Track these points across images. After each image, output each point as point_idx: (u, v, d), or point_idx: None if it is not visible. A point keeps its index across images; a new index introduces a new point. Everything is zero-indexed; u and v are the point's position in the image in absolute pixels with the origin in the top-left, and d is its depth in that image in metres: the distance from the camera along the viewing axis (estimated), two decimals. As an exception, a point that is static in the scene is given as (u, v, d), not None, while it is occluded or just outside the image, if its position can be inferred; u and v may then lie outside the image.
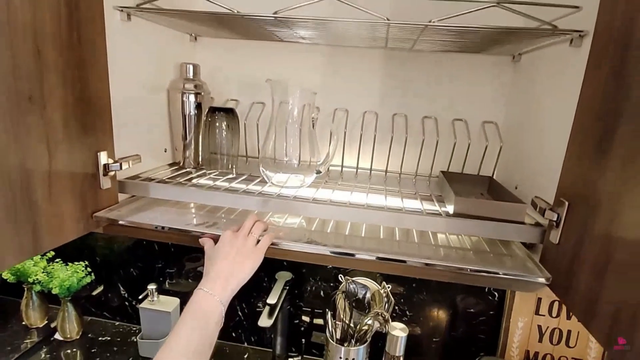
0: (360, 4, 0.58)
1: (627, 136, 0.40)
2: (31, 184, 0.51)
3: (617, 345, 0.38)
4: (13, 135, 0.47)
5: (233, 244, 0.53)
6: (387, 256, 0.59)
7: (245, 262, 0.52)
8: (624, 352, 0.37)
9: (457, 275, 0.57)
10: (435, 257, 0.59)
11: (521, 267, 0.57)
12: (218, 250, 0.53)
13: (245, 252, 0.52)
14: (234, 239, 0.53)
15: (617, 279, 0.40)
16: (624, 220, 0.40)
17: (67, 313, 1.08)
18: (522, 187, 0.71)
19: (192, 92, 0.80)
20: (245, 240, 0.53)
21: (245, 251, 0.52)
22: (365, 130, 0.86)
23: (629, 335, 0.37)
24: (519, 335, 0.93)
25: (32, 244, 0.52)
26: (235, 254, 0.52)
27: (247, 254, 0.52)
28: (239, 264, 0.51)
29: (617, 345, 0.38)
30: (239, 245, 0.53)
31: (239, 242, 0.53)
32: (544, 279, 0.53)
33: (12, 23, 0.46)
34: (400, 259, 0.58)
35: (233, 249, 0.52)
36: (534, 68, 0.73)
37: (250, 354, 1.09)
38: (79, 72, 0.56)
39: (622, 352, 0.37)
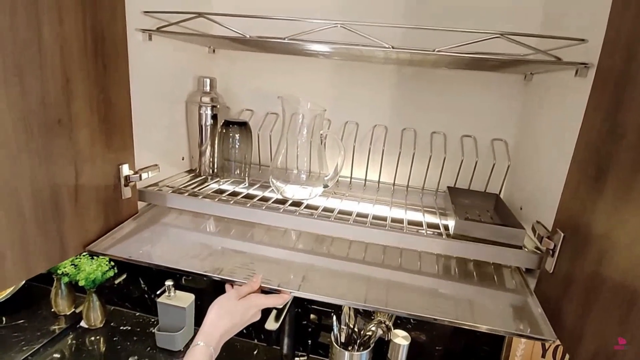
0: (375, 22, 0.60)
1: (618, 180, 0.41)
2: (60, 199, 0.56)
3: (617, 345, 0.38)
4: (44, 156, 0.52)
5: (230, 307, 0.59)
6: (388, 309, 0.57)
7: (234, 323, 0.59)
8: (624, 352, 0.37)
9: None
10: (434, 278, 0.61)
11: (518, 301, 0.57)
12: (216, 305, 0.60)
13: (237, 316, 0.59)
14: (231, 304, 0.59)
15: (599, 322, 0.41)
16: (610, 261, 0.41)
17: (92, 303, 1.16)
18: (526, 209, 0.72)
19: (209, 105, 0.84)
20: (237, 306, 0.59)
21: (237, 316, 0.59)
22: (374, 143, 0.88)
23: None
24: (522, 350, 0.94)
25: (59, 253, 0.58)
26: (230, 316, 0.58)
27: (237, 318, 0.59)
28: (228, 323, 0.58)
29: (617, 345, 0.38)
30: (231, 308, 0.59)
31: (231, 304, 0.59)
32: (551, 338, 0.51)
33: (43, 56, 0.50)
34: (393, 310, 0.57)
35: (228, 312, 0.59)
36: (543, 89, 0.73)
37: (259, 350, 1.14)
38: (103, 95, 0.61)
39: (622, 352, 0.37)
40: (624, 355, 0.37)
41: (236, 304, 0.59)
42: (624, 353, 0.37)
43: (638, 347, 0.36)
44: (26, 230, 0.52)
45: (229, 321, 0.58)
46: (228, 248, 0.71)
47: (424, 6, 0.81)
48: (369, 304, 0.57)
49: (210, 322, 0.58)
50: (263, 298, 0.60)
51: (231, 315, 0.58)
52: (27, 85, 0.49)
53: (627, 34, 0.44)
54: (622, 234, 0.40)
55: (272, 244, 0.72)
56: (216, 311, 0.59)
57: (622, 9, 0.46)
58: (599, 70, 0.49)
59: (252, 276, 0.62)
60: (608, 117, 0.45)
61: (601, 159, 0.45)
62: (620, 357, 0.37)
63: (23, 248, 0.52)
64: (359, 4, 0.84)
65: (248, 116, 0.93)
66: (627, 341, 0.37)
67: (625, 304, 0.38)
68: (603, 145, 0.46)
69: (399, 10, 0.82)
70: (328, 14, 0.84)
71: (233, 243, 0.72)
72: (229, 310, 0.58)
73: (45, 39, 0.50)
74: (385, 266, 0.66)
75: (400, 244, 0.65)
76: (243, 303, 0.59)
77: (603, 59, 0.49)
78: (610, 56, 0.48)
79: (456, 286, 0.63)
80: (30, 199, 0.52)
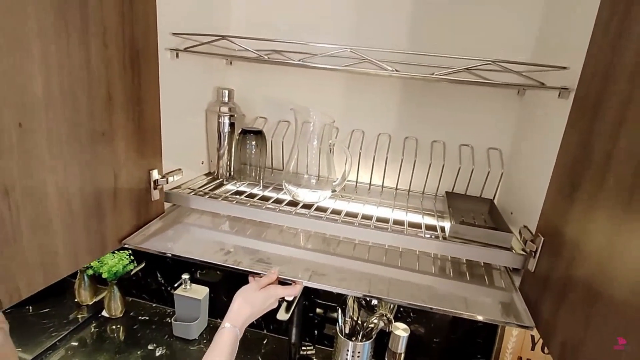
0: (380, 45, 0.67)
1: (586, 197, 0.48)
2: (102, 201, 0.64)
3: (617, 345, 0.38)
4: (91, 163, 0.60)
5: (251, 296, 0.68)
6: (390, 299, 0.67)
7: (255, 310, 0.67)
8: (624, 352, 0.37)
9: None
10: (430, 276, 0.69)
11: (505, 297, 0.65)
12: (241, 294, 0.68)
13: (257, 304, 0.68)
14: (252, 293, 0.68)
15: (567, 315, 0.49)
16: (577, 265, 0.48)
17: (113, 294, 1.25)
18: (516, 214, 0.79)
19: (227, 114, 0.91)
20: (258, 295, 0.68)
21: (258, 303, 0.68)
22: (379, 150, 0.95)
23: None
24: (513, 343, 1.02)
25: (100, 247, 0.66)
26: (251, 304, 0.67)
27: (258, 306, 0.68)
28: (250, 309, 0.67)
29: (617, 345, 0.38)
30: (253, 297, 0.68)
31: (252, 294, 0.68)
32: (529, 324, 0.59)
33: (91, 76, 0.58)
34: (395, 300, 0.66)
35: (250, 300, 0.67)
36: (533, 104, 0.79)
37: (269, 340, 1.22)
38: (138, 107, 0.68)
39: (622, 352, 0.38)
40: (595, 350, 0.44)
41: (257, 293, 0.67)
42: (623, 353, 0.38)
43: (599, 342, 0.43)
44: (75, 229, 0.60)
45: (251, 308, 0.66)
46: (245, 246, 0.78)
47: (425, 28, 0.87)
48: (373, 294, 0.65)
49: (235, 309, 0.66)
50: (280, 289, 0.69)
51: (253, 303, 0.67)
52: (78, 102, 0.57)
53: (602, 65, 0.51)
54: (587, 243, 0.47)
55: (284, 244, 0.79)
56: (240, 299, 0.67)
57: (601, 39, 0.53)
58: (577, 96, 0.56)
59: (270, 269, 0.69)
60: (582, 139, 0.52)
61: (574, 177, 0.52)
62: (585, 349, 0.45)
63: (72, 244, 0.60)
64: (367, 27, 0.91)
65: (261, 123, 1.00)
66: (589, 335, 0.44)
67: (588, 302, 0.45)
68: (577, 163, 0.53)
69: (403, 32, 0.88)
70: (338, 34, 0.91)
71: (249, 242, 0.80)
72: (251, 298, 0.67)
73: (93, 61, 0.58)
74: (387, 265, 0.74)
75: (400, 244, 0.72)
76: (263, 293, 0.67)
77: (581, 86, 0.56)
78: (586, 84, 0.55)
79: (451, 284, 0.70)
80: (79, 201, 0.60)
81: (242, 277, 0.71)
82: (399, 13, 0.88)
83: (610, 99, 0.47)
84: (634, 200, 0.39)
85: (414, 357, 1.09)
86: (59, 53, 0.52)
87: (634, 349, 0.36)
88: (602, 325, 0.42)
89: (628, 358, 0.37)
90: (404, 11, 0.88)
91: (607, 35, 0.51)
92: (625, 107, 0.44)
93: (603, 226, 0.44)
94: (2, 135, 0.47)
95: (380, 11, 0.89)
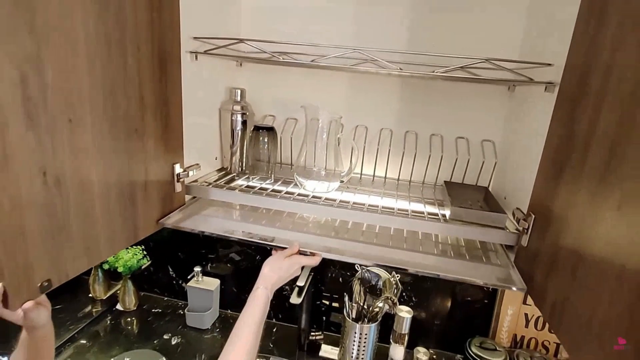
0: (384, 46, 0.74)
1: (570, 176, 0.56)
2: (134, 192, 0.70)
3: (617, 345, 0.39)
4: (126, 157, 0.66)
5: (278, 263, 0.76)
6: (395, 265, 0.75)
7: (282, 275, 0.76)
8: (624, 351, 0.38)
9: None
10: (433, 255, 0.76)
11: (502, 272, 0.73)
12: (269, 262, 0.77)
13: (284, 269, 0.76)
14: (279, 261, 0.76)
15: (556, 279, 0.56)
16: (563, 236, 0.55)
17: (127, 288, 1.30)
18: (509, 198, 0.87)
19: (240, 112, 0.98)
20: (283, 262, 0.76)
21: (284, 269, 0.76)
22: (381, 144, 1.03)
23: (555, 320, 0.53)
24: (508, 322, 1.09)
25: (133, 234, 0.72)
26: (278, 270, 0.76)
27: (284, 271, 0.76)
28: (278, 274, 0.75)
29: (617, 345, 0.39)
30: (280, 264, 0.76)
31: (279, 261, 0.76)
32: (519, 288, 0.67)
33: (127, 78, 0.64)
34: (403, 268, 0.74)
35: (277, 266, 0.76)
36: (523, 99, 0.87)
37: (278, 328, 1.29)
38: (165, 107, 0.74)
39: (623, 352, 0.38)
40: (577, 308, 0.52)
41: (283, 261, 0.76)
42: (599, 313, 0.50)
43: (581, 298, 0.50)
44: (113, 217, 0.66)
45: (278, 273, 0.75)
46: (262, 234, 0.84)
47: (423, 31, 0.95)
48: (385, 263, 0.74)
49: (265, 273, 0.74)
50: (303, 258, 0.78)
51: (280, 269, 0.75)
52: (116, 102, 0.63)
53: (582, 61, 0.58)
54: (570, 216, 0.54)
55: (298, 231, 0.86)
56: (269, 266, 0.75)
57: (580, 38, 0.60)
58: (561, 90, 0.64)
59: (292, 244, 0.78)
60: (565, 127, 0.60)
61: (560, 160, 0.60)
62: (570, 306, 0.52)
63: (110, 231, 0.66)
64: (370, 28, 0.98)
65: (271, 121, 1.07)
66: (573, 293, 0.51)
67: (571, 268, 0.52)
68: (562, 148, 0.60)
69: (402, 35, 0.96)
70: (341, 37, 0.99)
71: (265, 229, 0.86)
72: (278, 265, 0.75)
73: (129, 64, 0.64)
74: (393, 247, 0.81)
75: (405, 227, 0.79)
76: (288, 260, 0.76)
77: (564, 80, 0.64)
78: (569, 78, 0.62)
79: (452, 262, 0.78)
80: (116, 192, 0.66)
81: (250, 271, 0.80)
82: (398, 17, 0.95)
83: (588, 91, 0.55)
84: (607, 175, 0.47)
85: (417, 338, 1.16)
86: (101, 56, 0.58)
87: (610, 299, 0.43)
88: (583, 284, 0.49)
89: (603, 315, 0.44)
90: (402, 15, 0.95)
91: (585, 35, 0.58)
92: (601, 97, 0.51)
93: (583, 200, 0.52)
94: (55, 130, 0.53)
95: (380, 16, 0.97)
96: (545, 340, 1.08)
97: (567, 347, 0.52)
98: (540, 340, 1.09)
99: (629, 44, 0.47)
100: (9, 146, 0.47)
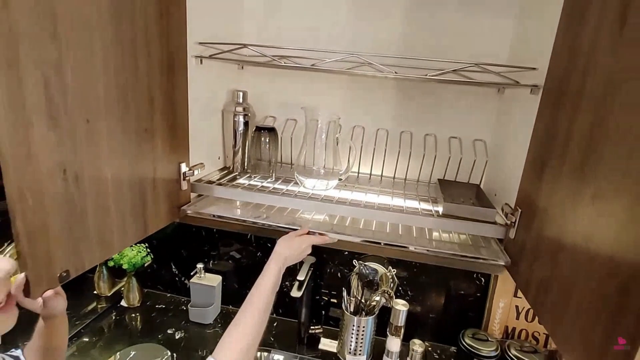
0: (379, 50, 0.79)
1: (551, 172, 0.60)
2: (144, 190, 0.74)
3: (617, 345, 0.39)
4: (137, 156, 0.70)
5: (290, 241, 0.82)
6: (395, 243, 0.81)
7: (293, 252, 0.82)
8: (624, 351, 0.38)
9: (441, 259, 0.78)
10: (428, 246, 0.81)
11: (490, 254, 0.78)
12: (282, 240, 0.83)
13: (295, 247, 0.82)
14: (290, 239, 0.83)
15: (539, 267, 0.61)
16: (546, 228, 0.60)
17: (131, 285, 1.33)
18: (499, 195, 0.91)
19: (242, 114, 1.02)
20: (295, 241, 0.82)
21: (295, 247, 0.82)
22: (378, 144, 1.07)
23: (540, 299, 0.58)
24: (500, 314, 1.14)
25: (143, 229, 0.76)
26: (290, 247, 0.81)
27: (295, 248, 0.82)
28: (290, 251, 0.81)
29: (617, 345, 0.39)
30: (291, 242, 0.82)
31: (291, 240, 0.82)
32: (503, 262, 0.73)
33: (138, 81, 0.68)
34: (404, 245, 0.81)
35: (289, 244, 0.82)
36: (511, 100, 0.92)
37: (279, 323, 1.33)
38: (172, 108, 0.78)
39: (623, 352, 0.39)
40: (558, 284, 0.56)
41: (295, 239, 0.82)
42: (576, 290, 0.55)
43: (561, 281, 0.54)
44: (125, 213, 0.70)
45: (290, 251, 0.80)
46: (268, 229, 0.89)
47: (417, 36, 1.00)
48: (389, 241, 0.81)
49: (277, 251, 0.79)
50: (313, 237, 0.84)
51: (291, 247, 0.81)
52: (128, 103, 0.67)
53: (562, 66, 0.63)
54: (553, 210, 0.59)
55: (299, 227, 0.90)
56: (282, 243, 0.81)
57: (561, 45, 0.65)
58: (544, 92, 0.69)
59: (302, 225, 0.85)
60: (548, 127, 0.65)
61: (543, 157, 0.64)
62: (551, 290, 0.56)
63: (123, 226, 0.70)
64: (367, 34, 1.02)
65: (271, 122, 1.11)
66: (554, 278, 0.56)
67: (552, 256, 0.57)
68: (544, 147, 0.65)
69: (397, 40, 1.01)
70: (339, 42, 1.03)
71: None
72: (290, 243, 0.81)
73: (140, 68, 0.68)
74: (390, 241, 0.85)
75: (401, 221, 0.84)
76: (299, 239, 0.82)
77: (547, 83, 0.68)
78: (551, 81, 0.67)
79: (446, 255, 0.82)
80: (128, 188, 0.69)
81: (251, 267, 0.85)
82: (393, 23, 1.00)
83: (568, 93, 0.59)
84: (584, 169, 0.51)
85: (413, 332, 1.21)
86: (116, 60, 0.62)
87: (585, 280, 0.48)
88: (563, 269, 0.54)
89: (579, 296, 0.49)
90: (397, 21, 1.00)
91: (565, 42, 0.63)
92: (579, 100, 0.56)
93: (563, 193, 0.56)
94: (74, 130, 0.57)
95: (376, 22, 1.01)
96: (536, 332, 1.13)
97: (548, 328, 0.56)
98: (530, 332, 1.13)
99: (601, 50, 0.52)
100: (33, 145, 0.51)
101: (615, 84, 0.47)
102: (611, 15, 0.51)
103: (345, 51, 0.80)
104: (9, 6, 0.47)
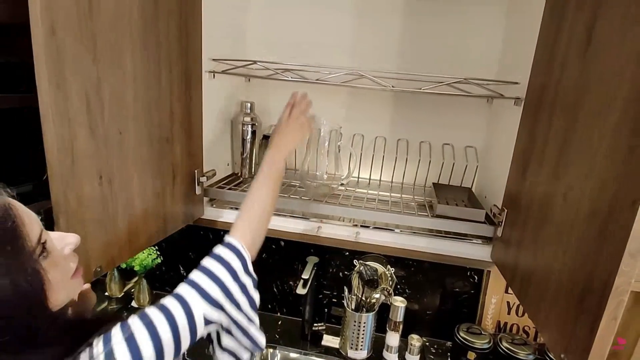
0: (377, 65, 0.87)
1: (532, 175, 0.68)
2: (165, 194, 0.81)
3: (616, 345, 0.41)
4: (159, 163, 0.77)
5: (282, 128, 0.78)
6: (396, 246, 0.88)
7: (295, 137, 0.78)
8: (623, 351, 0.42)
9: (435, 256, 0.85)
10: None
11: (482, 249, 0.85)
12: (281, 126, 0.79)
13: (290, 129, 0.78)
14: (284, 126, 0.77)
15: (522, 259, 0.68)
16: (528, 225, 0.68)
17: (142, 286, 1.39)
18: (489, 197, 0.99)
19: (250, 123, 1.09)
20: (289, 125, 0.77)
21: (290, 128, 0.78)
22: (376, 150, 1.15)
23: (523, 289, 0.65)
24: (492, 309, 1.21)
25: (163, 230, 0.83)
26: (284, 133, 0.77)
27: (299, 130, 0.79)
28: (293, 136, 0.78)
29: (616, 345, 0.41)
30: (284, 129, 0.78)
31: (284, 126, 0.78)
32: (492, 259, 0.81)
33: (161, 94, 0.76)
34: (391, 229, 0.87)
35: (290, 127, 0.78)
36: (499, 110, 1.00)
37: (282, 321, 1.39)
38: (189, 119, 0.86)
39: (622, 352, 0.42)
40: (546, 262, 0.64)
41: (288, 124, 0.78)
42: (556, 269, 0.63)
43: (541, 270, 0.62)
44: (149, 214, 0.77)
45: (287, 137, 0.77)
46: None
47: (413, 52, 1.08)
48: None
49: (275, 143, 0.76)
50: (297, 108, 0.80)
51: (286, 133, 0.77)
52: (153, 114, 0.74)
53: (540, 80, 0.71)
54: (533, 208, 0.67)
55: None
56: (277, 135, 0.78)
57: (539, 62, 0.73)
58: (525, 103, 0.77)
59: None
60: (529, 134, 0.73)
61: (525, 160, 0.72)
62: (533, 279, 0.64)
63: (147, 226, 0.77)
64: (365, 49, 1.11)
65: (276, 130, 1.19)
66: (536, 268, 0.63)
67: (532, 250, 0.65)
68: (526, 152, 0.73)
69: (394, 56, 1.09)
70: (339, 57, 1.11)
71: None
72: (284, 131, 0.77)
73: (162, 84, 0.76)
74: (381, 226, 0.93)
75: (398, 222, 0.91)
76: (292, 121, 0.78)
77: (527, 95, 0.76)
78: (530, 94, 0.75)
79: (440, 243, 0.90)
80: (151, 192, 0.77)
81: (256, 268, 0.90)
82: (390, 40, 1.08)
83: (545, 103, 0.67)
84: (558, 171, 0.59)
85: (411, 328, 1.27)
86: (143, 77, 0.70)
87: (560, 267, 0.55)
88: (541, 262, 0.61)
89: (556, 284, 0.56)
90: (394, 38, 1.08)
91: (543, 59, 0.71)
92: (553, 108, 0.64)
93: (542, 191, 0.64)
94: (109, 140, 0.64)
95: (374, 38, 1.09)
96: (526, 326, 1.20)
97: (530, 314, 0.64)
98: (521, 326, 1.20)
99: (570, 65, 0.60)
100: (76, 153, 0.58)
101: (580, 95, 0.55)
102: (578, 36, 0.59)
103: (346, 67, 0.88)
104: (56, 33, 0.54)
